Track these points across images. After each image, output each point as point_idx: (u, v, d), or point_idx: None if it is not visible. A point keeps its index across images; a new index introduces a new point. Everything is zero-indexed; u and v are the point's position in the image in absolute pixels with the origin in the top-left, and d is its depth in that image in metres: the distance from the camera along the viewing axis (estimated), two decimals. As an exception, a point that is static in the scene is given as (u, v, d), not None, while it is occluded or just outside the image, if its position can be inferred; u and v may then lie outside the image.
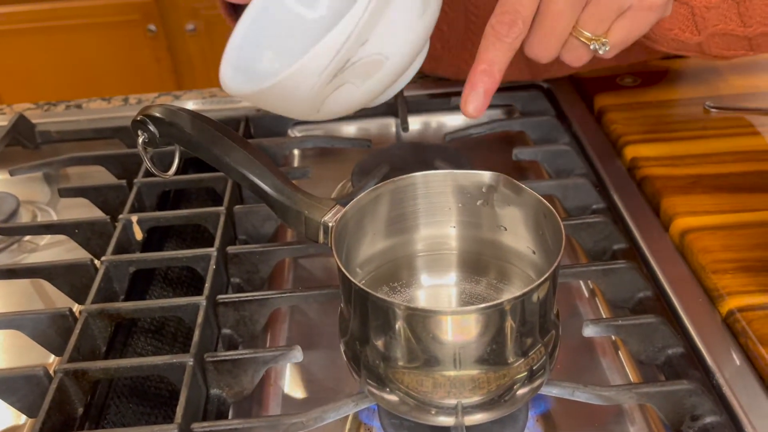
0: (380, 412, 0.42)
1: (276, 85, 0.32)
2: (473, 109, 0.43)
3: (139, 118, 0.42)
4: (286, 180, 0.41)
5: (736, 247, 0.50)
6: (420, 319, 0.34)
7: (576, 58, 0.45)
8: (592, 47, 0.44)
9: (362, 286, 0.34)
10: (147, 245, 0.57)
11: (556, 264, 0.35)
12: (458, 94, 0.74)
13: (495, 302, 0.33)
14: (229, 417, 0.45)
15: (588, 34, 0.43)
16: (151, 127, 0.42)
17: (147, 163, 0.44)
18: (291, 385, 0.48)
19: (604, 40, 0.44)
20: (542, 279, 0.34)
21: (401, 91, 0.72)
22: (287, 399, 0.47)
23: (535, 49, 0.44)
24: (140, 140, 0.43)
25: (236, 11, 0.53)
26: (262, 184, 0.40)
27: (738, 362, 0.43)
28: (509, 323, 0.34)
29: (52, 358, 0.49)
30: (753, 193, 0.55)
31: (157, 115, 0.42)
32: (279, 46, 0.40)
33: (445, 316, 0.34)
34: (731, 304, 0.46)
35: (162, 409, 0.47)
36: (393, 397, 0.37)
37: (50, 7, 1.70)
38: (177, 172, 0.46)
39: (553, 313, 0.38)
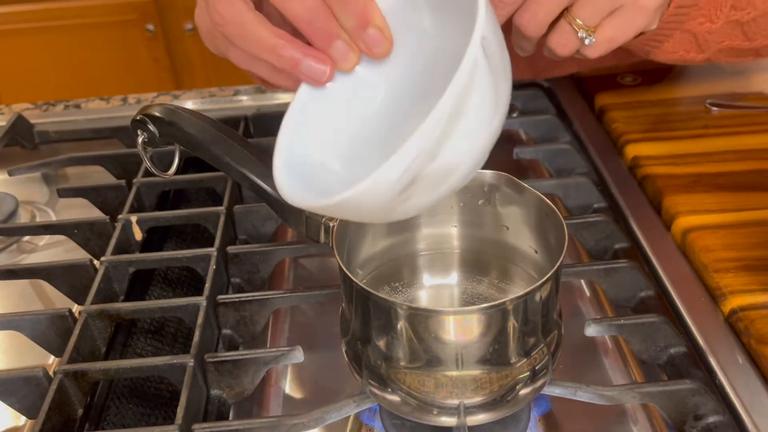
0: (382, 412, 0.42)
1: (339, 203, 0.30)
2: None
3: (138, 118, 0.42)
4: (287, 179, 0.41)
5: (738, 246, 0.50)
6: (422, 319, 0.34)
7: (563, 44, 0.46)
8: (580, 35, 0.45)
9: (364, 286, 0.34)
10: (146, 245, 0.57)
11: (558, 263, 0.35)
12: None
13: (497, 302, 0.33)
14: (230, 418, 0.45)
15: (579, 22, 0.44)
16: (151, 127, 0.42)
17: (147, 163, 0.44)
18: (292, 385, 0.47)
19: (593, 32, 0.45)
20: (545, 278, 0.34)
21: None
22: (288, 399, 0.47)
23: (524, 16, 0.45)
24: (140, 140, 0.43)
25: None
26: (262, 183, 0.40)
27: (740, 361, 0.43)
28: (512, 323, 0.34)
29: (51, 359, 0.49)
30: (754, 192, 0.55)
31: (157, 114, 0.42)
32: (329, 135, 0.37)
33: (448, 316, 0.33)
34: (733, 303, 0.46)
35: (162, 410, 0.47)
36: (395, 398, 0.37)
37: (48, 7, 1.69)
38: (177, 172, 0.46)
39: (556, 312, 0.38)
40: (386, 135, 0.37)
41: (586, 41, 0.46)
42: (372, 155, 0.36)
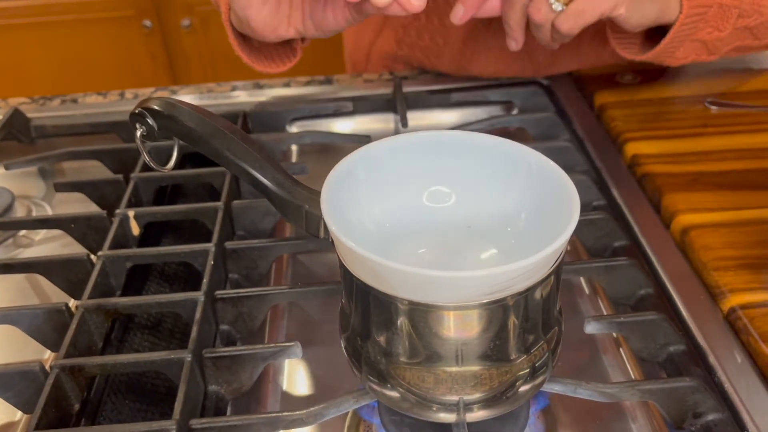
0: (380, 408, 0.42)
1: (402, 272, 0.32)
2: (457, 17, 0.55)
3: (137, 111, 0.42)
4: (287, 174, 0.41)
5: (738, 244, 0.50)
6: (422, 314, 0.33)
7: (536, 9, 0.53)
8: (553, 5, 0.52)
9: (364, 281, 0.34)
10: (144, 240, 0.56)
11: (559, 260, 0.35)
12: (458, 90, 0.73)
13: (498, 298, 0.33)
14: (228, 414, 0.44)
15: None
16: (150, 120, 0.42)
17: (145, 157, 0.43)
18: (290, 381, 0.47)
19: (564, 2, 0.52)
20: (546, 275, 0.34)
21: (400, 87, 0.71)
22: (286, 396, 0.46)
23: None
24: (138, 133, 0.42)
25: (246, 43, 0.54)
26: (262, 177, 0.40)
27: (740, 359, 0.43)
28: (512, 319, 0.34)
29: (47, 354, 0.49)
30: (754, 191, 0.55)
31: (156, 107, 0.41)
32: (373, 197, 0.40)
33: (448, 311, 0.33)
34: (733, 301, 0.46)
35: (159, 405, 0.46)
36: (394, 394, 0.37)
37: (45, 3, 1.69)
38: (175, 167, 0.45)
39: (556, 309, 0.38)
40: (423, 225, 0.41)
41: (554, 6, 0.52)
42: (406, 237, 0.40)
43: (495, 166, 0.40)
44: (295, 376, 0.48)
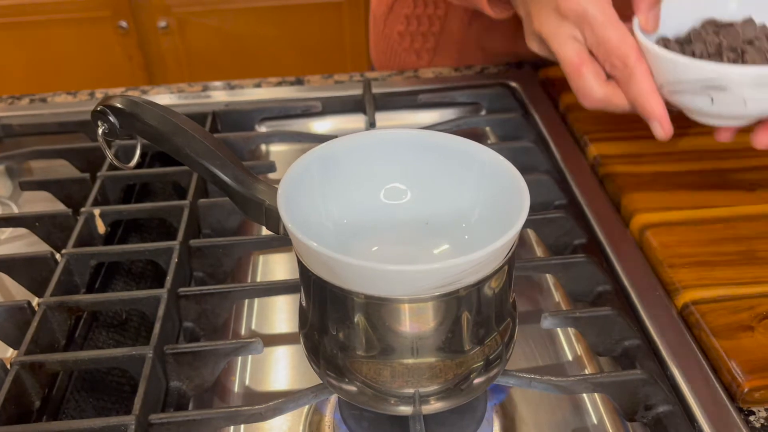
0: (340, 403, 0.42)
1: (362, 268, 0.32)
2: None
3: (99, 109, 0.42)
4: (248, 171, 0.41)
5: (693, 242, 0.51)
6: (377, 308, 0.34)
7: None
8: None
9: (319, 276, 0.35)
10: (110, 239, 0.57)
11: (509, 254, 0.35)
12: (426, 91, 0.74)
13: (449, 291, 0.34)
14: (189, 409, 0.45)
15: None
16: (112, 118, 0.42)
17: (108, 155, 0.43)
18: (252, 377, 0.48)
19: None
20: (497, 267, 0.35)
21: (369, 88, 0.72)
22: (248, 392, 0.47)
23: None
24: (100, 131, 0.42)
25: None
26: (222, 174, 0.40)
27: (692, 353, 0.44)
28: (465, 311, 0.35)
29: (10, 353, 0.49)
30: (710, 191, 0.57)
31: (118, 105, 0.42)
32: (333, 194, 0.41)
33: (402, 304, 0.34)
34: (686, 297, 0.47)
35: (123, 404, 0.46)
36: (352, 388, 0.37)
37: (20, 2, 1.67)
38: (139, 165, 0.46)
39: (510, 302, 0.39)
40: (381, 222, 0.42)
41: None
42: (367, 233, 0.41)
43: (450, 163, 0.41)
44: (258, 373, 0.48)
